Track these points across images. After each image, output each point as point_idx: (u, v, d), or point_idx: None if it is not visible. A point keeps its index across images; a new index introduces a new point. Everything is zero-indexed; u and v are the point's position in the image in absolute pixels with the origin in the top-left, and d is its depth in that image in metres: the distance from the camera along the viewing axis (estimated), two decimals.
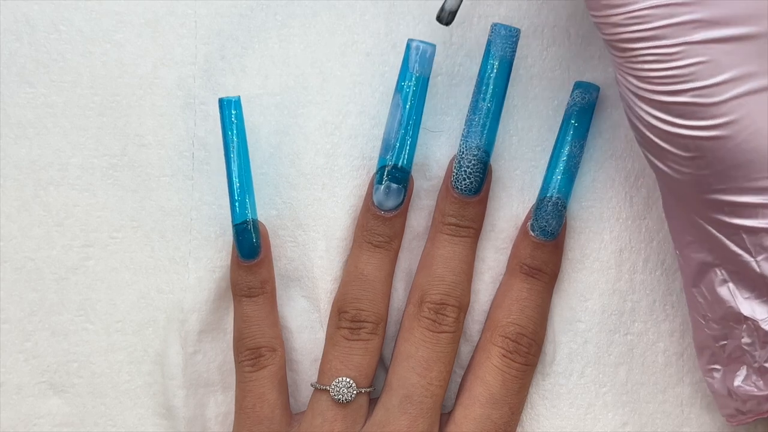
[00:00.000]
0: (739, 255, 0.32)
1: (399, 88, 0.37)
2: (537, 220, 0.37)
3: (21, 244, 0.39)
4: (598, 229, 0.39)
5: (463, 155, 0.36)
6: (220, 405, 0.39)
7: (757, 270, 0.32)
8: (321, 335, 0.38)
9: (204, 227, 0.39)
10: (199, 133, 0.39)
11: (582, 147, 0.37)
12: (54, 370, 0.39)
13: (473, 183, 0.36)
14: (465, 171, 0.36)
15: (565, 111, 0.38)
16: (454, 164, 0.37)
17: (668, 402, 0.39)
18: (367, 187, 0.38)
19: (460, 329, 0.37)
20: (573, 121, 0.37)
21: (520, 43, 0.36)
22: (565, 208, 0.37)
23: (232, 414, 0.38)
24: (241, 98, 0.37)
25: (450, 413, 0.37)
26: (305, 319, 0.39)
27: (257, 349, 0.36)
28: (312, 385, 0.36)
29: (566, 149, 0.37)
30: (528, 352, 0.36)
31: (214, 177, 0.39)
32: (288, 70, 0.39)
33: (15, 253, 0.39)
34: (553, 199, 0.37)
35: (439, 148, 0.39)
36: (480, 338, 0.38)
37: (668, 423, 0.38)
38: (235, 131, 0.36)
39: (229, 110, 0.36)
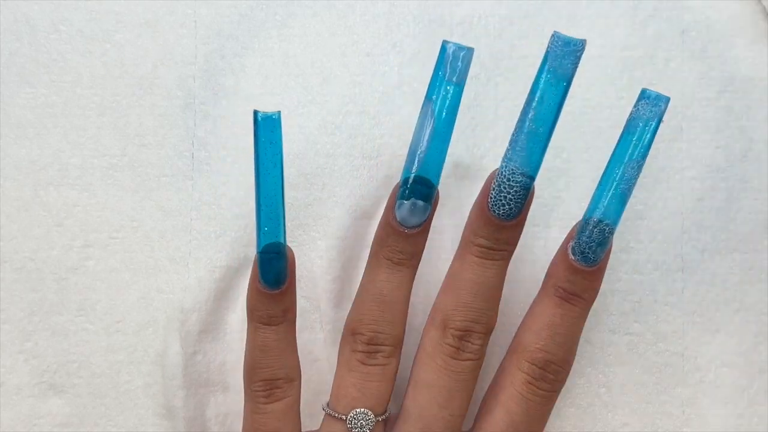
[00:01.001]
0: None
1: (430, 97, 0.32)
2: (579, 244, 0.33)
3: (21, 244, 0.39)
4: None
5: (504, 178, 0.32)
6: (220, 405, 0.39)
7: None
8: (321, 336, 0.38)
9: (204, 227, 0.39)
10: (199, 133, 0.39)
11: (640, 168, 0.32)
12: (54, 370, 0.39)
13: (513, 210, 0.32)
14: (505, 197, 0.32)
15: (626, 123, 0.32)
16: (493, 185, 0.32)
17: (668, 402, 0.38)
18: (365, 186, 0.38)
19: (483, 354, 0.34)
20: (634, 139, 0.32)
21: (520, 42, 0.36)
22: (611, 234, 0.33)
23: (232, 414, 0.38)
24: (260, 109, 0.32)
25: None
26: (305, 319, 0.39)
27: (274, 380, 0.33)
28: (324, 410, 0.34)
29: (621, 169, 0.32)
30: (555, 379, 0.34)
31: (214, 177, 0.39)
32: (288, 70, 0.39)
33: (15, 253, 0.39)
34: (600, 224, 0.32)
35: None
36: (505, 359, 0.35)
37: (668, 423, 0.38)
38: (275, 152, 0.32)
39: (270, 130, 0.31)
